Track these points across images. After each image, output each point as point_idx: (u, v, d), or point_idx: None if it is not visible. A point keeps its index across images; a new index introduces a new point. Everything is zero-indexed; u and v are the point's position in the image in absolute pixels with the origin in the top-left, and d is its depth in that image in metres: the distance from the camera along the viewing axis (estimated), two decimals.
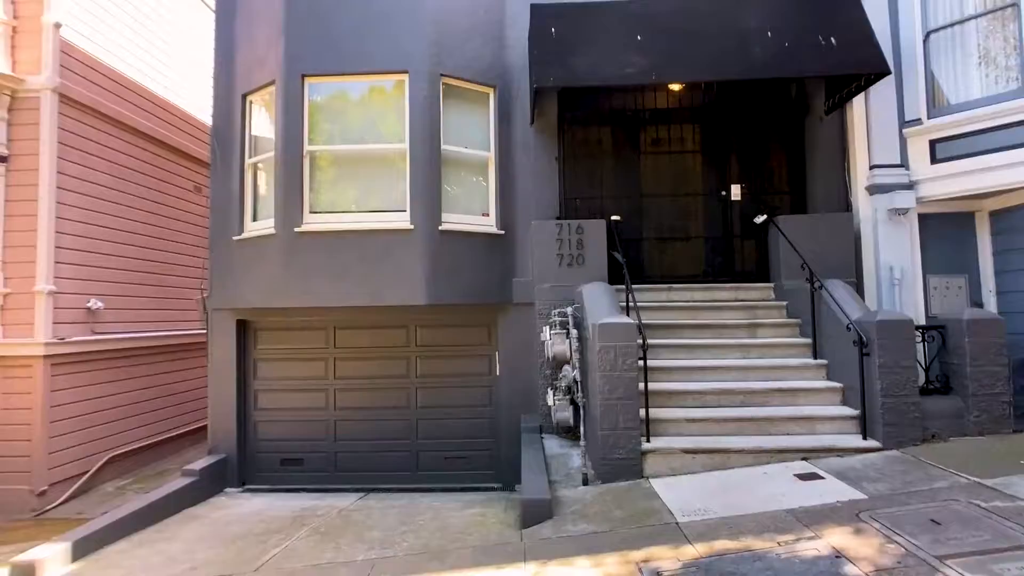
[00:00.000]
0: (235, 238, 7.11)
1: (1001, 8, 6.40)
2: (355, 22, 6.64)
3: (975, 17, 6.56)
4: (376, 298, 6.44)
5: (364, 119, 6.92)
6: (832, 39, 6.21)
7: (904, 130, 6.87)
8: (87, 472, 8.20)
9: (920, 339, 5.58)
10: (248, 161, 7.25)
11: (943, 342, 5.52)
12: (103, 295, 8.71)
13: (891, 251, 6.77)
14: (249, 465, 7.19)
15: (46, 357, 7.66)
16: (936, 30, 6.78)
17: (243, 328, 7.33)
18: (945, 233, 6.91)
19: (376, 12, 6.65)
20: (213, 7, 8.04)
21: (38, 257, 7.84)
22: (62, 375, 7.96)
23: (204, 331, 7.63)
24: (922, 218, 6.88)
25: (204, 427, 7.78)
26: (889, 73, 6.19)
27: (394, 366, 7.17)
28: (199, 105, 11.15)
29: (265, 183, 7.29)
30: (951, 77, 6.73)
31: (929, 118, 6.74)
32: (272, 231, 6.65)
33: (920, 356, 5.50)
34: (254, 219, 7.18)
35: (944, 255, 6.91)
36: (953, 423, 5.17)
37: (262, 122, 7.42)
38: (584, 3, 6.56)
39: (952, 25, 6.69)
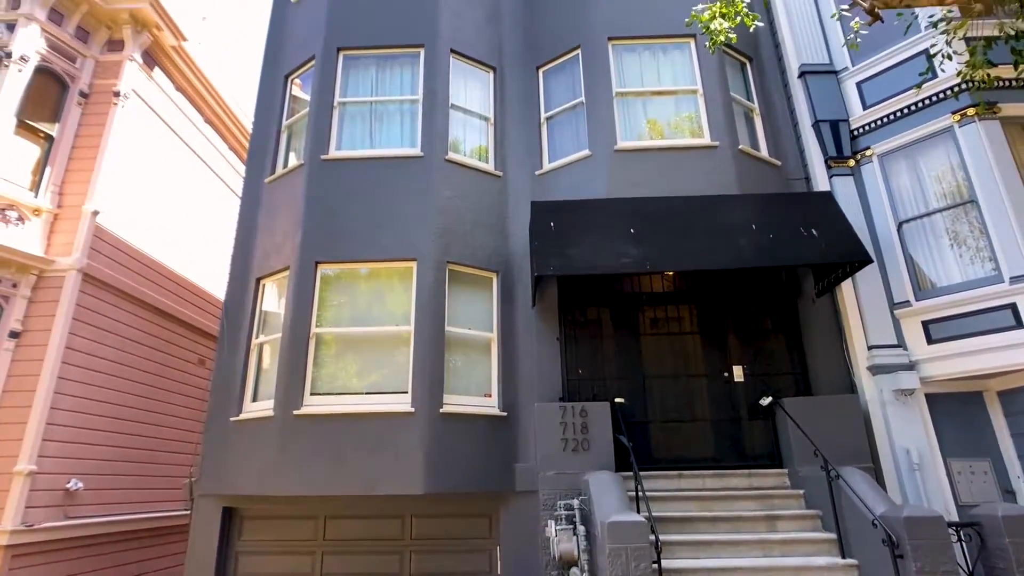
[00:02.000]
0: (232, 419, 6.97)
1: (961, 204, 6.93)
2: (368, 214, 7.18)
3: (940, 211, 7.08)
4: (372, 487, 6.12)
5: (371, 302, 7.17)
6: (814, 231, 6.65)
7: (895, 311, 7.06)
8: None
9: (956, 538, 5.18)
10: (255, 341, 7.38)
11: (982, 541, 5.11)
12: (85, 474, 8.32)
13: (905, 434, 6.58)
14: None
15: (8, 547, 7.10)
16: (907, 221, 7.28)
17: (228, 517, 6.88)
18: (957, 413, 6.76)
19: (388, 205, 7.23)
20: (239, 194, 8.78)
21: (26, 435, 7.64)
22: (23, 567, 7.30)
23: (186, 512, 7.16)
24: (930, 398, 6.79)
25: None
26: (871, 262, 6.52)
27: (387, 563, 6.58)
28: (211, 278, 11.66)
29: (269, 362, 7.34)
30: (930, 261, 7.07)
31: (917, 300, 6.96)
32: (271, 413, 6.54)
33: (960, 558, 5.05)
34: (254, 399, 7.11)
35: (961, 436, 6.69)
36: None
37: (272, 302, 7.69)
38: (580, 200, 7.16)
39: (920, 217, 7.21)
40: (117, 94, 9.69)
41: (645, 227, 6.66)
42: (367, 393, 6.65)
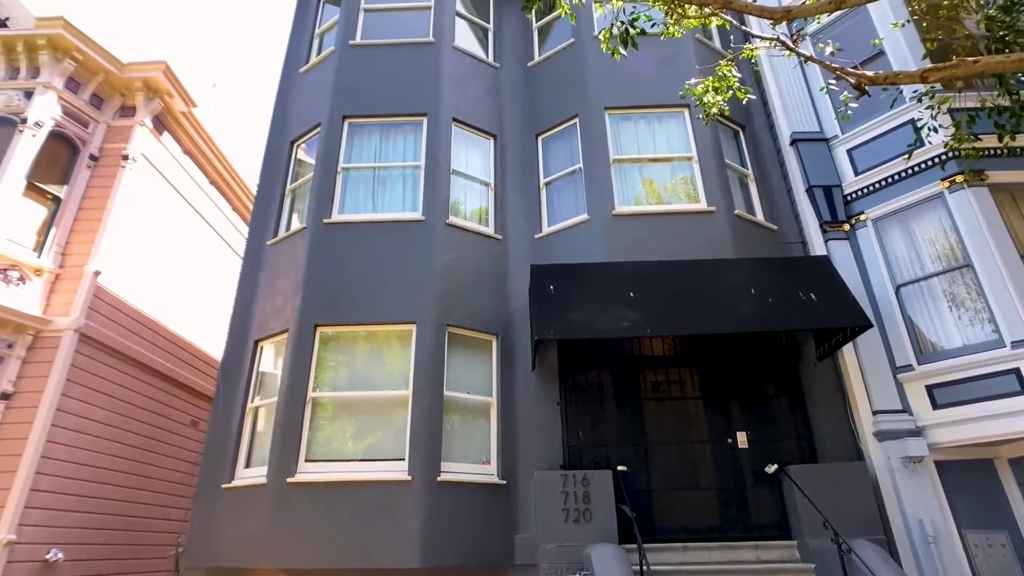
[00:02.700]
0: (224, 486, 6.77)
1: (957, 268, 6.98)
2: (368, 277, 7.22)
3: (936, 275, 7.13)
4: (366, 559, 5.87)
5: (369, 365, 7.11)
6: (812, 295, 6.67)
7: (898, 375, 6.99)
8: None
9: None
10: (250, 404, 7.26)
11: None
12: (67, 544, 8.01)
13: (916, 504, 6.38)
14: None
15: None
16: (905, 284, 7.31)
17: None
18: (969, 482, 6.59)
19: (388, 268, 7.28)
20: (241, 254, 8.83)
21: (8, 502, 7.42)
22: None
23: None
24: (939, 465, 6.63)
25: None
26: (871, 326, 6.50)
27: None
28: (209, 338, 11.60)
29: (264, 425, 7.20)
30: (930, 324, 7.05)
31: (919, 364, 6.91)
32: (263, 480, 6.35)
33: None
34: (247, 465, 6.92)
35: (975, 506, 6.48)
36: None
37: (269, 364, 7.61)
38: (579, 264, 7.21)
39: (918, 280, 7.25)
40: (126, 157, 9.93)
41: (644, 291, 6.68)
42: (363, 460, 6.49)
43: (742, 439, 6.98)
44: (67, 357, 8.43)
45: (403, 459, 6.33)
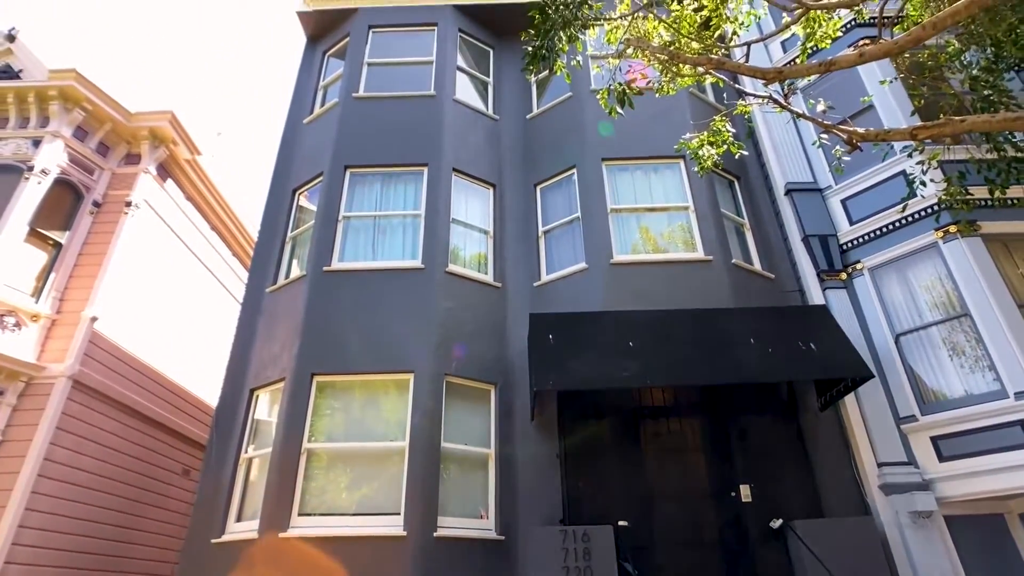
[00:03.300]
0: (214, 540, 6.56)
1: (956, 317, 6.99)
2: (367, 326, 7.20)
3: (935, 324, 7.13)
4: None
5: (366, 415, 7.01)
6: (812, 345, 6.65)
7: (902, 426, 6.91)
8: None
9: None
10: (244, 455, 7.12)
11: None
12: None
13: (928, 561, 6.19)
14: None
15: None
16: (904, 333, 7.30)
17: None
18: (980, 537, 6.41)
19: (387, 316, 7.26)
20: (240, 300, 8.80)
21: None
22: None
23: None
24: (949, 520, 6.47)
25: None
26: (872, 377, 6.46)
27: None
28: (205, 385, 11.48)
29: (257, 475, 7.04)
30: (931, 373, 7.01)
31: (922, 415, 6.83)
32: (255, 535, 6.17)
33: None
34: (238, 519, 6.73)
35: (988, 563, 6.28)
36: None
37: (264, 412, 7.50)
38: (578, 312, 7.21)
39: (917, 330, 7.24)
40: (129, 204, 10.05)
41: (644, 340, 6.65)
42: (357, 514, 6.31)
43: (745, 492, 6.83)
44: (59, 405, 8.32)
45: (398, 513, 6.16)
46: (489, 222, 8.57)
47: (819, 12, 5.74)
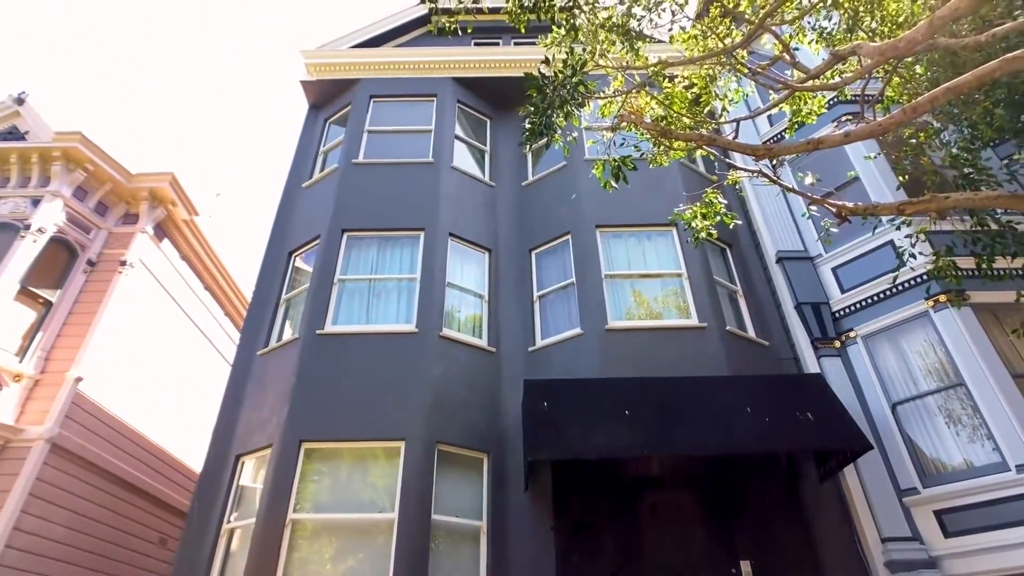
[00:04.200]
0: None
1: (951, 386, 6.97)
2: (359, 391, 7.06)
3: (931, 393, 7.10)
4: None
5: (355, 484, 6.77)
6: (809, 415, 6.57)
7: (904, 499, 6.75)
8: None
9: None
10: (226, 525, 6.81)
11: None
12: None
13: None
14: None
15: None
16: (900, 402, 7.25)
17: None
18: None
19: (380, 382, 7.14)
20: (231, 360, 8.66)
21: None
22: None
23: None
24: None
25: None
26: (871, 448, 6.35)
27: None
28: (189, 449, 11.14)
29: (239, 547, 6.71)
30: (929, 443, 6.92)
31: (924, 487, 6.69)
32: None
33: None
34: None
35: None
36: None
37: (250, 479, 7.24)
38: (573, 379, 7.14)
39: (913, 399, 7.20)
40: (123, 263, 10.05)
41: (640, 409, 6.56)
42: None
43: (746, 569, 6.57)
44: (33, 470, 8.02)
45: None
46: (484, 286, 8.60)
47: (804, 92, 6.01)
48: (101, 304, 9.52)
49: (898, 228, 6.25)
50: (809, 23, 6.54)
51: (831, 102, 8.72)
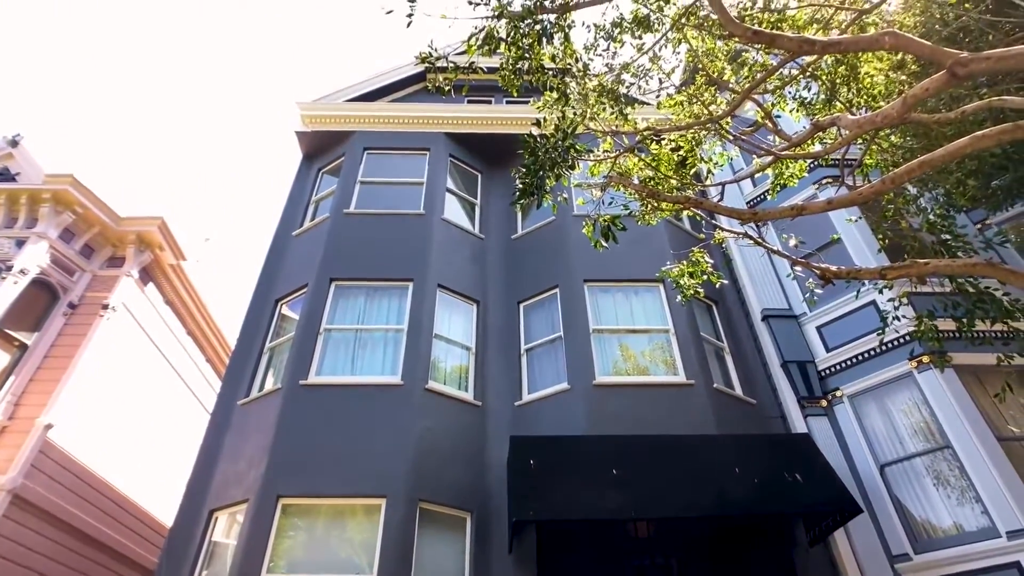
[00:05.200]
0: None
1: (939, 449, 6.96)
2: (340, 445, 6.88)
3: (919, 455, 7.08)
4: None
5: (331, 543, 6.50)
6: (798, 476, 6.50)
7: (896, 565, 6.62)
8: None
9: None
10: None
11: None
12: None
13: None
14: None
15: None
16: (888, 464, 7.21)
17: None
18: None
19: (362, 435, 6.97)
20: (210, 409, 8.41)
21: None
22: None
23: None
24: None
25: None
26: (861, 512, 6.27)
27: None
28: (161, 502, 10.70)
29: None
30: (919, 506, 6.85)
31: (916, 553, 6.58)
32: None
33: None
34: None
35: None
36: None
37: (223, 535, 6.94)
38: (560, 436, 7.03)
39: (901, 460, 7.16)
40: (106, 307, 9.89)
41: (628, 468, 6.44)
42: None
43: None
44: None
45: None
46: (471, 338, 8.56)
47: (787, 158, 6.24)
48: (79, 348, 9.31)
49: (880, 292, 6.38)
50: (790, 92, 6.84)
51: (812, 166, 9.02)
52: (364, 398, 7.31)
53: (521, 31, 5.06)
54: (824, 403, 7.84)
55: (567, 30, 5.46)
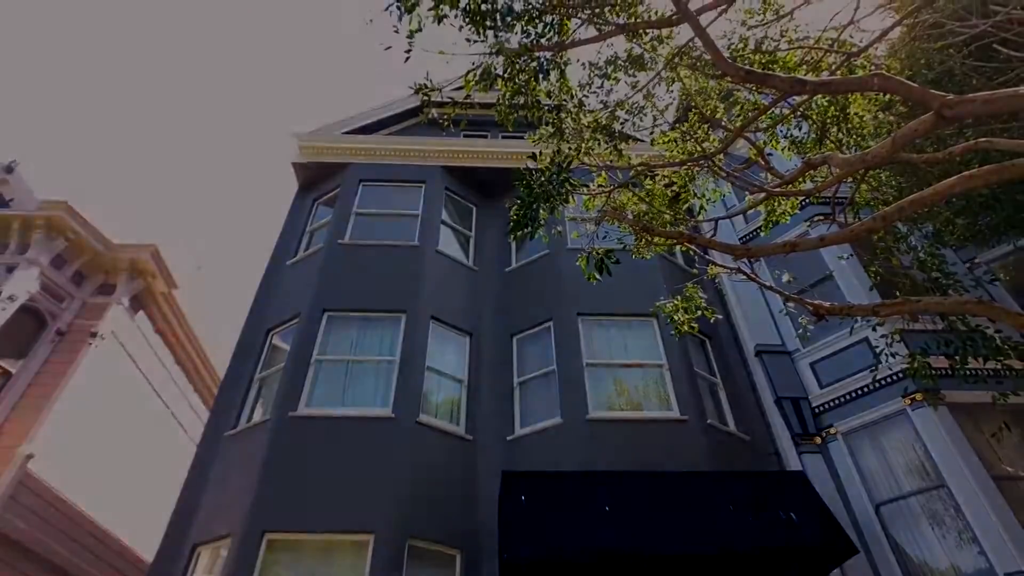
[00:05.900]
0: None
1: (935, 488, 6.89)
2: (329, 479, 6.73)
3: (914, 494, 7.00)
4: None
5: None
6: (792, 515, 6.40)
7: None
8: None
9: None
10: None
11: None
12: None
13: None
14: None
15: None
16: (884, 503, 7.12)
17: None
18: None
19: (351, 469, 6.83)
20: (196, 440, 8.21)
21: None
22: None
23: None
24: None
25: None
26: (857, 552, 6.16)
27: None
28: (142, 535, 10.36)
29: None
30: (915, 546, 6.77)
31: None
32: None
33: None
34: None
35: None
36: None
37: (204, 570, 6.71)
38: (553, 472, 6.90)
39: (897, 499, 7.08)
40: (94, 335, 9.78)
41: (622, 505, 6.32)
42: None
43: None
44: None
45: None
46: (464, 370, 8.48)
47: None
48: (64, 376, 9.16)
49: (874, 328, 6.40)
50: (781, 131, 6.98)
51: (803, 203, 9.15)
52: (354, 431, 7.19)
53: (518, 67, 5.17)
54: (818, 440, 7.78)
55: (563, 67, 5.59)
